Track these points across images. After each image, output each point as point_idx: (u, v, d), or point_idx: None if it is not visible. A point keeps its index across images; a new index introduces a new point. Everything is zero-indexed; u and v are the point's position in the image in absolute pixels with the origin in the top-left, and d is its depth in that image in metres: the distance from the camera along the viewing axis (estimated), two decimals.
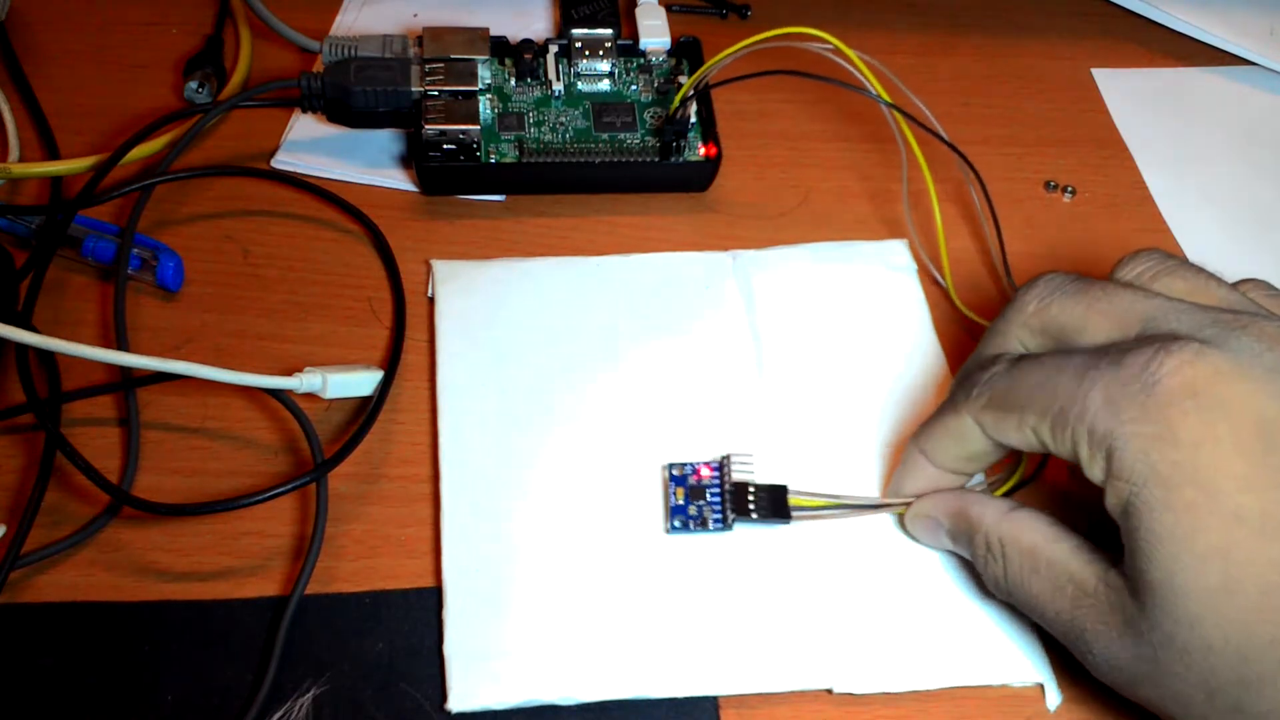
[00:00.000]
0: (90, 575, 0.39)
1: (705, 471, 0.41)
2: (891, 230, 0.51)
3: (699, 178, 0.51)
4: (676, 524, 0.40)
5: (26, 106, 0.53)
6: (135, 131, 0.49)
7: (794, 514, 0.40)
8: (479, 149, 0.49)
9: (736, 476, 0.41)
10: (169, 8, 0.58)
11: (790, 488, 0.41)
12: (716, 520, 0.40)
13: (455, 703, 0.37)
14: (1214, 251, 0.51)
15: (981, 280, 0.50)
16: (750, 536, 0.41)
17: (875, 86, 0.46)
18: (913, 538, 0.41)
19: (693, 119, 0.51)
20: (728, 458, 0.41)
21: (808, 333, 0.47)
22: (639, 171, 0.51)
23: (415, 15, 0.58)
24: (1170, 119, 0.58)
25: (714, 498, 0.40)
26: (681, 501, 0.41)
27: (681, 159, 0.51)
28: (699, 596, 0.40)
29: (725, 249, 0.49)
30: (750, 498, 0.40)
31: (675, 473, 0.41)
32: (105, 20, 0.57)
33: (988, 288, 0.50)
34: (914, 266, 0.49)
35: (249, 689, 0.37)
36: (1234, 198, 0.55)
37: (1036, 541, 0.36)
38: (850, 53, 0.45)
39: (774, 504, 0.40)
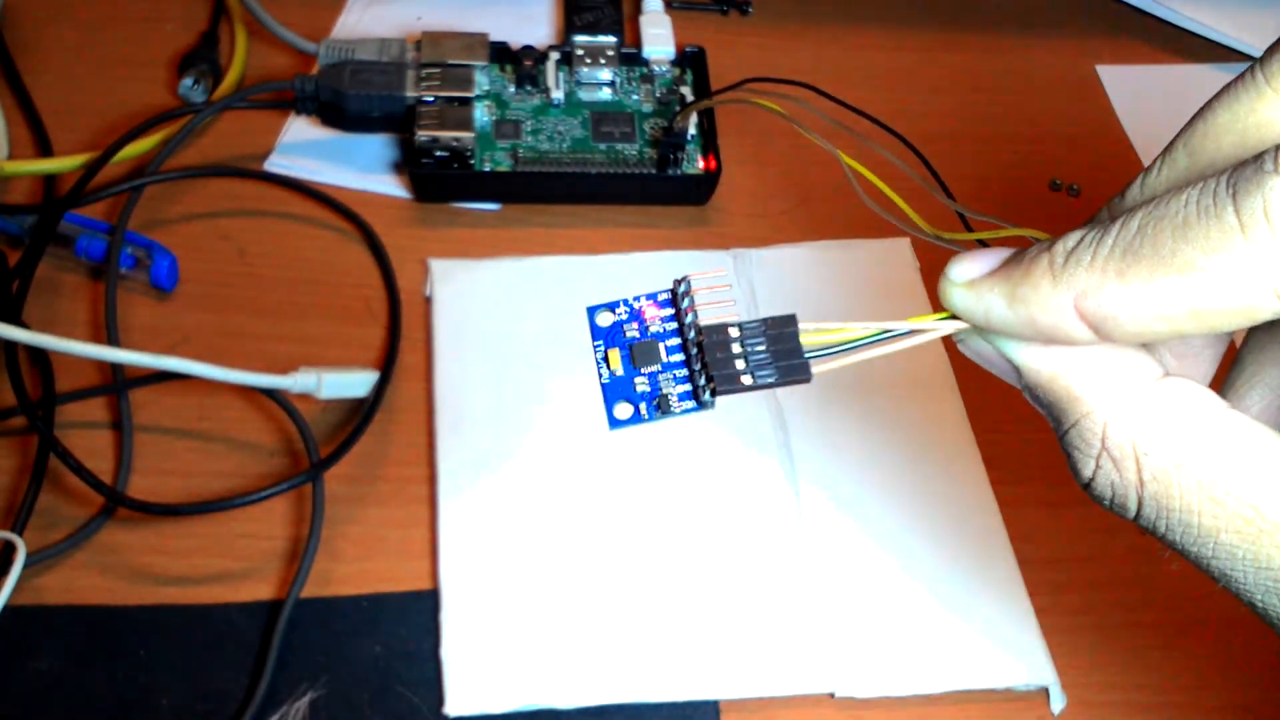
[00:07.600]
0: (85, 579, 0.39)
1: (652, 311, 0.26)
2: (892, 228, 0.51)
3: (697, 191, 0.50)
4: (619, 415, 0.25)
5: (19, 103, 0.52)
6: (128, 129, 0.49)
7: (814, 361, 0.24)
8: (473, 156, 0.49)
9: (709, 316, 0.25)
10: (164, 4, 0.57)
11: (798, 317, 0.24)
12: (685, 395, 0.25)
13: (453, 707, 0.36)
14: None
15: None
16: (751, 514, 0.40)
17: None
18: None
19: (692, 130, 0.50)
20: (685, 282, 0.25)
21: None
22: (636, 183, 0.50)
23: (419, 19, 0.57)
24: (1176, 117, 0.57)
25: (674, 356, 0.25)
26: (622, 373, 0.25)
27: (680, 172, 0.50)
28: (700, 599, 0.39)
29: (726, 248, 0.49)
30: (738, 346, 0.24)
31: (600, 321, 0.26)
32: (99, 16, 0.56)
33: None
34: (916, 264, 0.49)
35: (245, 693, 0.37)
36: None
37: (1212, 444, 0.20)
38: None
39: (779, 352, 0.24)
